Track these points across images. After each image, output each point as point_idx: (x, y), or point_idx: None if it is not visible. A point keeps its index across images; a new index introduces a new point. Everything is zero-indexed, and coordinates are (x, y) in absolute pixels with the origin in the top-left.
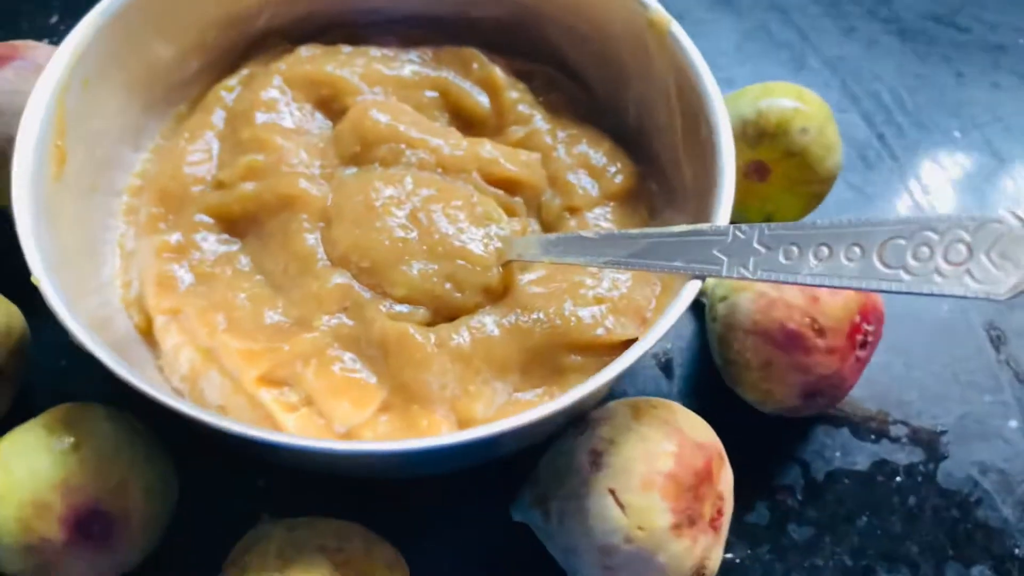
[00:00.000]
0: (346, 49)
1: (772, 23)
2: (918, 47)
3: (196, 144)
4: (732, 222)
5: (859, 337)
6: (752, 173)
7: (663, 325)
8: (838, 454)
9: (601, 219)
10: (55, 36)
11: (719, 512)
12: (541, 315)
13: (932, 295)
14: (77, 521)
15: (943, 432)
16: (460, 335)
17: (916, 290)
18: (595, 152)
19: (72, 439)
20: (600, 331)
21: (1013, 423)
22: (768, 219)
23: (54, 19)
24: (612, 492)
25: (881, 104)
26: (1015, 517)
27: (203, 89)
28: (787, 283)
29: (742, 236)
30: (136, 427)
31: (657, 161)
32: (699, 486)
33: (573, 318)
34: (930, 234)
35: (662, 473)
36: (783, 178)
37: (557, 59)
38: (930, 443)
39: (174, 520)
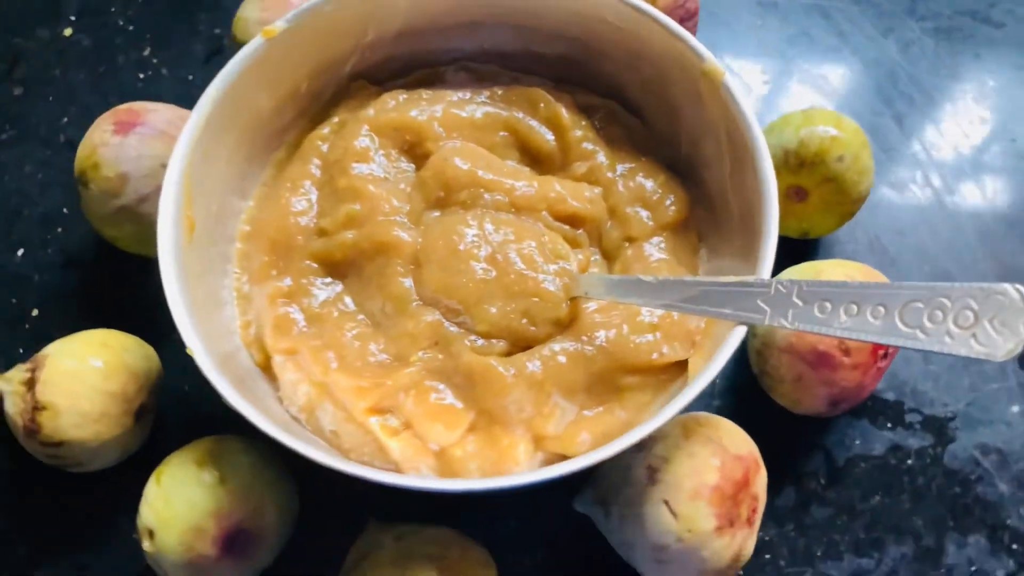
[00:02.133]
0: (426, 94)
1: (814, 27)
2: (953, 45)
3: (297, 194)
4: None
5: (880, 351)
6: (792, 195)
7: (715, 367)
8: (858, 442)
9: (656, 247)
10: (68, 48)
11: (754, 510)
12: (603, 342)
13: (942, 353)
14: (226, 540)
15: (952, 418)
16: (534, 364)
17: (928, 348)
18: (651, 184)
19: (218, 473)
20: (655, 355)
21: (1015, 408)
22: (805, 234)
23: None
24: (666, 503)
25: (914, 106)
26: (1010, 492)
27: (298, 134)
28: (820, 334)
29: (783, 290)
30: (264, 456)
31: (706, 189)
32: (738, 493)
33: (631, 344)
34: (944, 300)
35: (708, 486)
36: (820, 200)
37: (617, 93)
38: (939, 428)
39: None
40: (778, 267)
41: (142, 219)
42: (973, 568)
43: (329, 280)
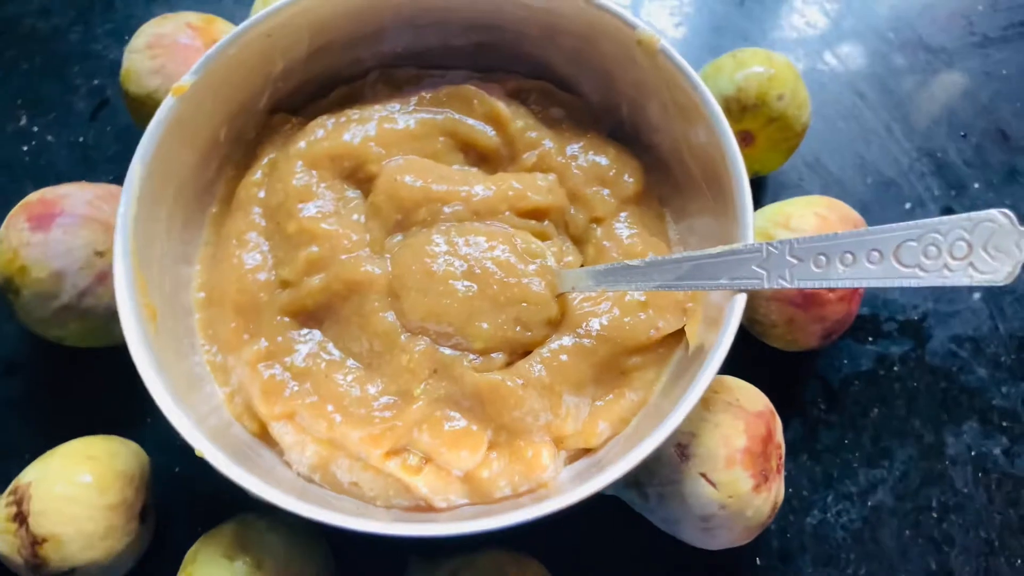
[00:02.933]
0: (354, 115)
1: None
2: None
3: (247, 249)
4: None
5: None
6: (740, 141)
7: (726, 340)
8: (846, 361)
9: (624, 223)
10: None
11: (780, 458)
12: (598, 330)
13: (946, 287)
14: None
15: (923, 318)
16: (538, 368)
17: (932, 283)
18: (603, 159)
19: (251, 559)
20: (652, 332)
21: (976, 295)
22: (755, 174)
23: None
24: (703, 475)
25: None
26: (988, 374)
27: (228, 184)
28: (823, 288)
29: (775, 251)
30: (291, 527)
31: (657, 152)
32: (766, 447)
33: (626, 325)
34: (936, 235)
35: (739, 450)
36: (767, 140)
37: (544, 72)
38: (915, 331)
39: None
40: None
41: (87, 313)
42: (973, 453)
43: (306, 331)
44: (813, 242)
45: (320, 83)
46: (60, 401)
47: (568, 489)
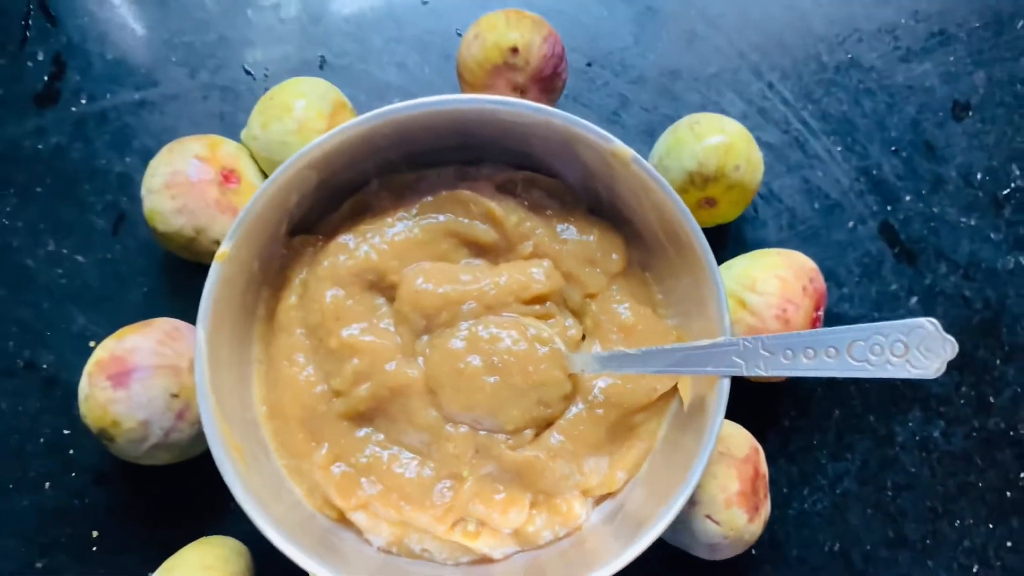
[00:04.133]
0: (368, 232)
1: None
2: None
3: (297, 367)
4: None
5: (816, 324)
6: (704, 204)
7: (719, 415)
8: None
9: (614, 295)
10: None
11: (765, 486)
12: (606, 399)
13: (887, 379)
14: None
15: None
16: (560, 439)
17: (876, 376)
18: (590, 238)
19: None
20: (651, 394)
21: (913, 299)
22: (718, 225)
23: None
24: (708, 516)
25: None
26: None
27: (265, 305)
28: (792, 376)
29: (750, 346)
30: None
31: (634, 226)
32: (755, 484)
33: (629, 392)
34: (880, 337)
35: (734, 494)
36: (727, 202)
37: (527, 161)
38: None
39: None
40: None
41: (173, 446)
42: (917, 438)
43: (363, 431)
44: (781, 339)
45: (329, 199)
46: (153, 507)
47: (603, 532)
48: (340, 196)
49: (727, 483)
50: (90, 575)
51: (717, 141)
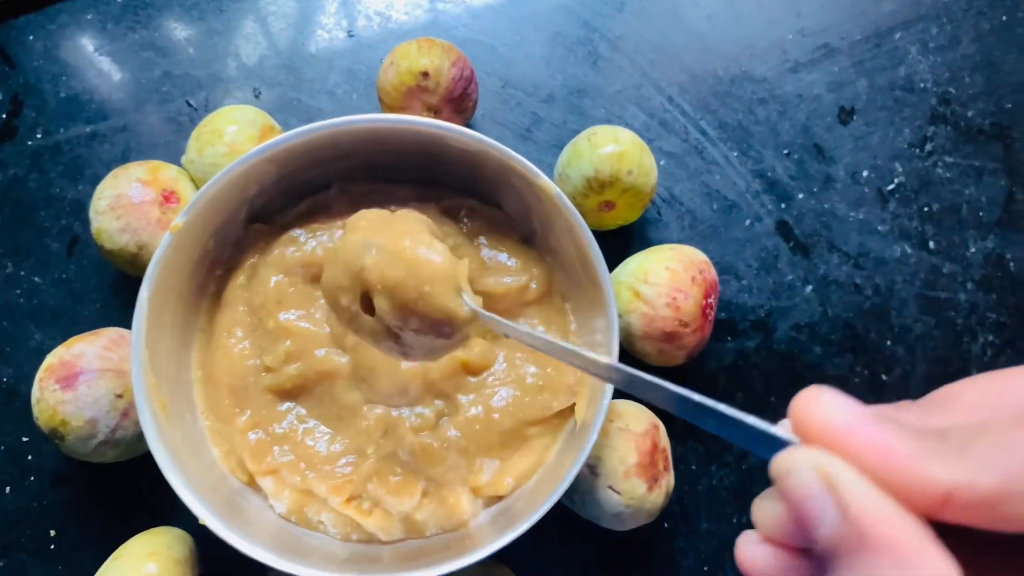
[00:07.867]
0: (319, 229)
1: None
2: None
3: (235, 340)
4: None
5: (708, 311)
6: (604, 207)
7: (601, 415)
8: (713, 361)
9: (530, 322)
10: None
11: (666, 458)
12: (504, 405)
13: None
14: None
15: (768, 314)
16: (456, 434)
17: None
18: (511, 261)
19: None
20: (547, 409)
21: (808, 288)
22: (620, 226)
23: None
24: (610, 487)
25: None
26: (822, 351)
27: (216, 282)
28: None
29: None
30: None
31: (561, 258)
32: (652, 456)
33: (526, 404)
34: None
35: (633, 465)
36: (624, 204)
37: (472, 190)
38: (763, 325)
39: None
40: (610, 257)
41: (119, 443)
42: None
43: (286, 405)
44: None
45: (289, 195)
46: (106, 505)
47: (487, 530)
48: (301, 194)
49: (626, 455)
50: (49, 572)
51: (611, 150)
